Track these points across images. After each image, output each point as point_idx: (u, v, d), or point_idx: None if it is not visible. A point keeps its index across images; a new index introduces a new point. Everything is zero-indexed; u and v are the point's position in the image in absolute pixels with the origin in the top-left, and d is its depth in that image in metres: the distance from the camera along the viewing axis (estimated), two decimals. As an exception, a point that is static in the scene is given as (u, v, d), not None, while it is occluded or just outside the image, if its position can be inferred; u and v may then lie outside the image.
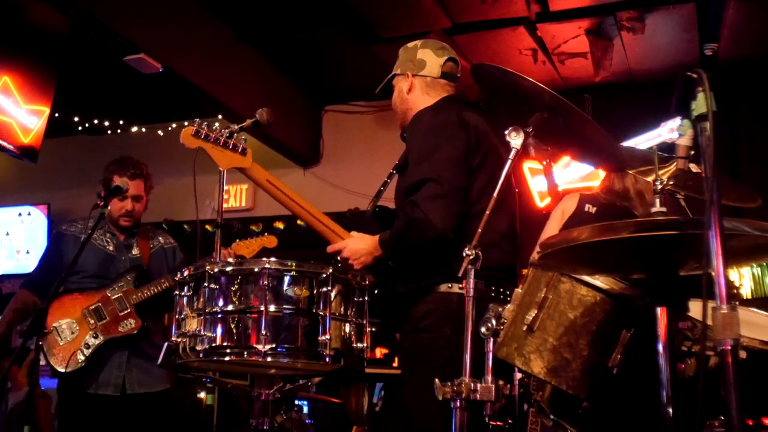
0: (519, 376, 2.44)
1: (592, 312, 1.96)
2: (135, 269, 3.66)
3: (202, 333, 2.32)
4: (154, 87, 6.41)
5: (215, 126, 2.69)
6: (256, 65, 6.80)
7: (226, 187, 3.65)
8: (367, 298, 2.49)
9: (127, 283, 3.60)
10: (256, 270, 2.34)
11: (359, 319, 2.46)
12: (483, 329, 1.98)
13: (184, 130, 2.63)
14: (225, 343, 2.32)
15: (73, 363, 3.43)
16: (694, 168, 1.97)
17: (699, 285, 1.45)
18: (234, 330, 2.32)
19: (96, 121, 8.02)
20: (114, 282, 3.60)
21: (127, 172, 3.65)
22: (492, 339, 1.98)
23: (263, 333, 2.26)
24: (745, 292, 5.40)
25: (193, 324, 2.37)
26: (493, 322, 1.98)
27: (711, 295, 1.42)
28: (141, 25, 5.51)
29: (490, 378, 1.91)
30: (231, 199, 7.93)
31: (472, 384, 1.89)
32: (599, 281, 1.97)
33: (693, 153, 1.94)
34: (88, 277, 3.61)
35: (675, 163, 1.97)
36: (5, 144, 5.97)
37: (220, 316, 2.34)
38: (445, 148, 2.55)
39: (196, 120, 2.64)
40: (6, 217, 8.42)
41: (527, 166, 6.81)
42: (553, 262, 1.84)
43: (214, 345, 2.32)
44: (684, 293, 1.88)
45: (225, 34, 6.40)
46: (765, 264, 5.23)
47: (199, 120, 2.64)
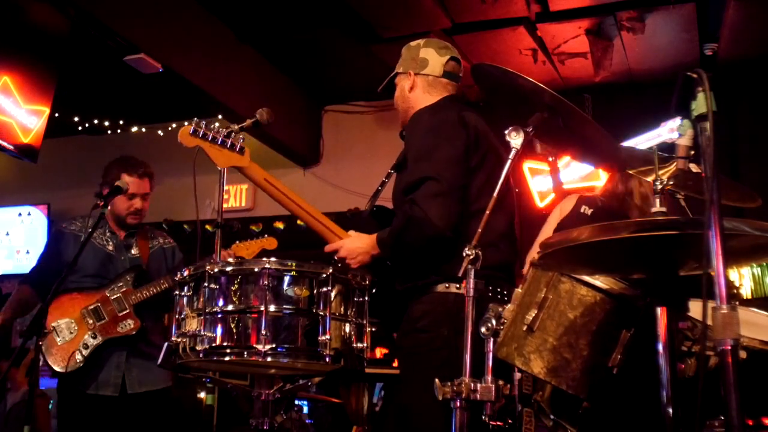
0: (518, 376, 2.44)
1: (592, 312, 1.96)
2: (134, 269, 3.66)
3: (202, 333, 2.32)
4: (154, 87, 6.41)
5: (213, 125, 2.68)
6: (256, 65, 6.80)
7: (226, 187, 3.65)
8: (367, 298, 2.49)
9: (126, 284, 3.60)
10: (256, 270, 2.34)
11: (359, 319, 2.46)
12: (483, 329, 1.98)
13: (182, 129, 2.62)
14: (225, 343, 2.32)
15: (72, 363, 3.43)
16: (694, 168, 1.97)
17: (699, 285, 1.45)
18: (234, 330, 2.32)
19: (96, 121, 8.02)
20: (113, 282, 3.60)
21: (137, 170, 3.69)
22: (492, 339, 1.98)
23: (263, 333, 2.26)
24: (745, 292, 5.39)
25: (193, 324, 2.37)
26: (493, 322, 1.98)
27: (711, 295, 1.42)
28: (141, 25, 5.51)
29: (490, 378, 1.91)
30: (231, 199, 7.93)
31: (472, 384, 1.89)
32: (599, 281, 1.97)
33: (693, 153, 1.93)
34: (87, 277, 3.61)
35: (675, 163, 1.97)
36: (5, 144, 5.96)
37: (220, 316, 2.33)
38: (445, 147, 2.54)
39: (185, 125, 2.63)
40: (6, 217, 8.42)
41: (527, 166, 6.81)
42: (553, 262, 1.84)
43: (214, 345, 2.32)
44: (684, 293, 1.88)
45: (225, 34, 6.40)
46: (765, 264, 5.23)
47: (197, 119, 2.64)
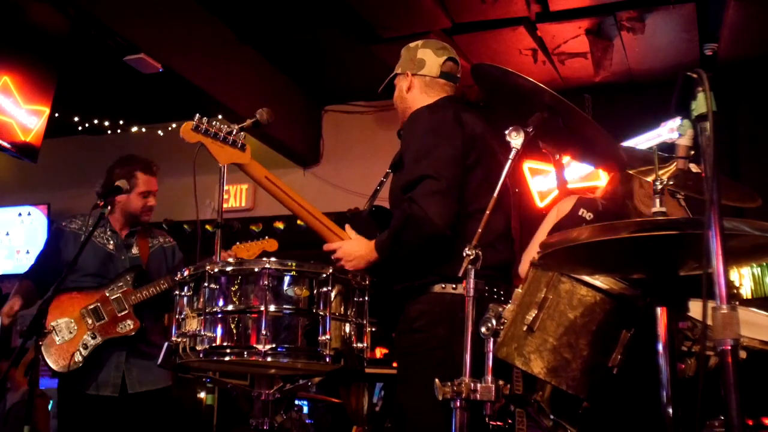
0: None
1: (592, 312, 1.96)
2: (134, 269, 3.66)
3: (202, 333, 2.32)
4: (154, 87, 6.41)
5: (215, 122, 2.69)
6: (256, 65, 6.80)
7: (226, 187, 3.66)
8: (367, 298, 2.49)
9: (126, 284, 3.59)
10: (256, 270, 2.34)
11: (359, 319, 2.46)
12: (483, 329, 1.98)
13: (184, 124, 2.64)
14: (225, 343, 2.32)
15: (71, 363, 3.42)
16: (694, 168, 1.97)
17: (699, 285, 1.45)
18: (234, 330, 2.32)
19: (96, 121, 8.02)
20: (113, 282, 3.60)
21: (151, 168, 3.77)
22: (492, 339, 1.98)
23: (263, 333, 2.26)
24: (745, 292, 5.39)
25: (193, 324, 2.37)
26: (493, 322, 1.98)
27: (711, 295, 1.42)
28: (141, 25, 5.51)
29: (490, 378, 1.91)
30: (231, 199, 7.93)
31: (472, 384, 1.89)
32: (599, 281, 1.97)
33: (693, 153, 1.94)
34: (86, 276, 3.61)
35: (675, 163, 1.97)
36: (5, 144, 5.97)
37: (220, 316, 2.33)
38: (443, 146, 2.55)
39: (196, 115, 2.65)
40: (6, 217, 8.42)
41: (527, 166, 6.82)
42: (553, 262, 1.84)
43: (214, 345, 2.32)
44: (684, 293, 1.88)
45: (225, 34, 6.40)
46: (765, 264, 5.23)
47: (199, 115, 2.65)
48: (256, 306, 2.31)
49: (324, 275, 2.36)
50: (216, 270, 2.35)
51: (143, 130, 8.01)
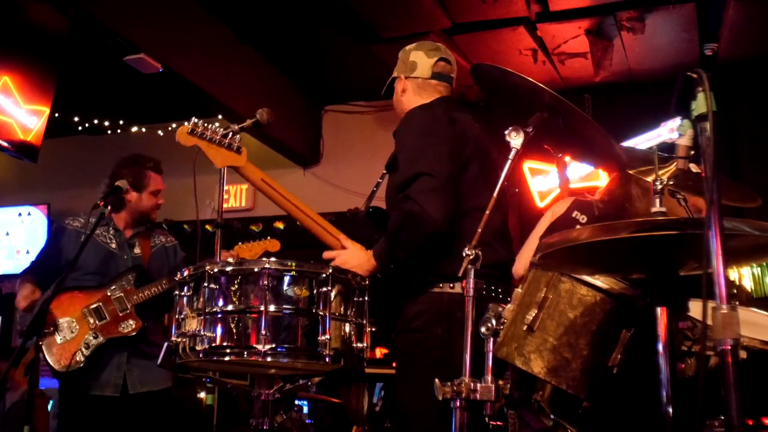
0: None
1: (592, 312, 1.96)
2: (135, 269, 3.66)
3: (202, 333, 2.32)
4: (154, 87, 6.41)
5: (212, 125, 2.70)
6: (256, 65, 6.80)
7: (226, 187, 3.66)
8: (367, 298, 2.49)
9: (128, 283, 3.60)
10: (256, 270, 2.34)
11: (359, 319, 2.46)
12: (483, 329, 1.98)
13: (180, 128, 2.66)
14: (225, 343, 2.32)
15: (73, 363, 3.42)
16: (694, 168, 1.97)
17: (699, 285, 1.45)
18: (234, 330, 2.32)
19: (96, 121, 8.02)
20: (114, 281, 3.60)
21: (160, 167, 3.81)
22: (492, 339, 1.98)
23: (263, 333, 2.26)
24: (745, 292, 5.38)
25: (193, 324, 2.37)
26: (493, 321, 1.98)
27: (711, 295, 1.42)
28: (141, 25, 5.51)
29: (490, 378, 1.92)
30: (231, 199, 7.93)
31: (472, 384, 1.89)
32: (599, 281, 1.97)
33: (693, 153, 1.93)
34: (87, 275, 3.61)
35: (675, 163, 1.97)
36: (5, 144, 5.97)
37: (220, 316, 2.33)
38: (437, 144, 2.56)
39: (192, 118, 2.66)
40: (6, 217, 8.42)
41: (527, 166, 6.82)
42: (553, 262, 1.84)
43: (214, 345, 2.31)
44: (684, 293, 1.88)
45: (225, 34, 6.40)
46: (765, 264, 5.22)
47: (195, 118, 2.66)
48: (255, 306, 2.31)
49: (324, 275, 2.36)
50: (216, 270, 2.35)
51: (143, 130, 8.01)
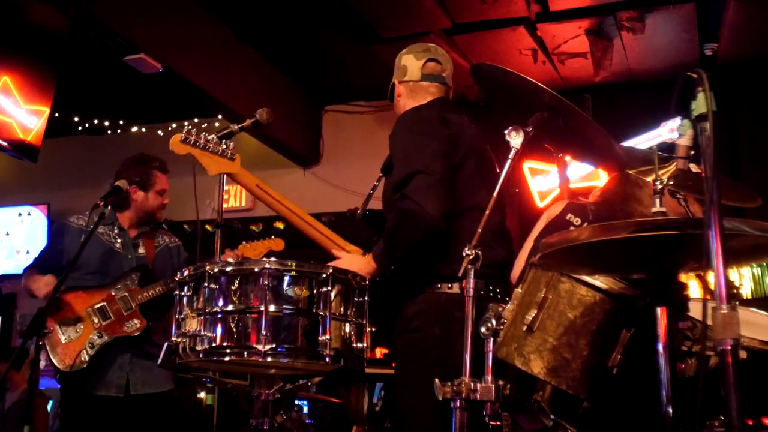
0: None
1: (592, 312, 1.96)
2: (140, 269, 3.66)
3: (202, 333, 2.32)
4: (154, 87, 6.40)
5: (203, 133, 2.72)
6: (256, 65, 6.80)
7: (226, 187, 3.66)
8: (367, 298, 2.50)
9: (132, 282, 3.59)
10: (256, 270, 2.34)
11: (359, 319, 2.46)
12: (483, 329, 1.98)
13: (173, 137, 2.70)
14: (225, 343, 2.32)
15: (77, 362, 3.42)
16: (694, 168, 1.97)
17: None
18: (234, 330, 2.32)
19: (96, 121, 8.02)
20: (118, 281, 3.60)
21: (165, 167, 3.80)
22: (492, 339, 1.98)
23: (263, 333, 2.26)
24: (745, 292, 5.39)
25: (193, 324, 2.36)
26: (493, 322, 1.98)
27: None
28: (141, 25, 5.51)
29: (489, 378, 1.91)
30: (231, 199, 7.93)
31: (471, 384, 1.89)
32: (599, 281, 1.97)
33: (693, 153, 1.94)
34: (89, 274, 3.61)
35: (675, 163, 1.97)
36: (5, 144, 5.97)
37: (220, 316, 2.33)
38: (431, 142, 2.58)
39: (185, 125, 2.67)
40: (6, 217, 8.42)
41: (527, 166, 6.81)
42: (553, 262, 1.84)
43: (214, 345, 2.31)
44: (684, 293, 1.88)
45: (225, 34, 6.40)
46: (765, 264, 5.22)
47: (189, 126, 2.67)
48: (256, 306, 2.31)
49: (324, 275, 2.36)
50: (216, 270, 2.35)
51: (143, 130, 8.01)
